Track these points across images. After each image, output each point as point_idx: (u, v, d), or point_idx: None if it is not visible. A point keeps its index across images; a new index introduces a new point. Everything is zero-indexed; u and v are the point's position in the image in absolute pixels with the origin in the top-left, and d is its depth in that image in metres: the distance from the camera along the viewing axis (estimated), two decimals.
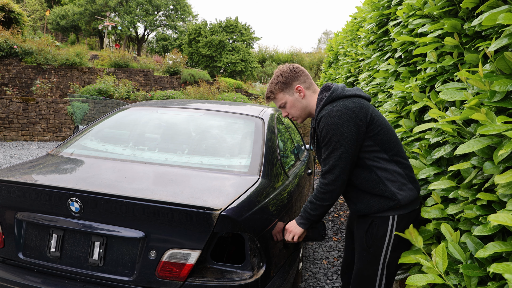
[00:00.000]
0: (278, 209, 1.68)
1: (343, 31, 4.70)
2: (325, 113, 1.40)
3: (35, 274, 1.48)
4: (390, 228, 1.42)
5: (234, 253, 1.60)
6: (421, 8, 1.75)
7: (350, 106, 1.39)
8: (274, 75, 1.59)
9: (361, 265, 1.50)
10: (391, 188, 1.40)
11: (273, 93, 1.58)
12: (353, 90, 1.47)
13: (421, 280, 1.11)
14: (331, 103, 1.42)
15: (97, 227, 1.41)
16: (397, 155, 1.44)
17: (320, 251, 3.25)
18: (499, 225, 1.03)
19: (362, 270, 1.50)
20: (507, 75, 1.13)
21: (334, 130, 1.37)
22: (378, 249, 1.45)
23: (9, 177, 1.57)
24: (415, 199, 1.44)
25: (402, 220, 1.41)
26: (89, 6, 25.63)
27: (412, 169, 1.48)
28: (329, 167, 1.40)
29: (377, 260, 1.45)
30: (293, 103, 1.56)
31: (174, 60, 13.99)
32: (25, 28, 13.45)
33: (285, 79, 1.54)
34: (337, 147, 1.37)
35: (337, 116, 1.37)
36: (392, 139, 1.45)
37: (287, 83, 1.54)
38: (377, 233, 1.44)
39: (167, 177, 1.63)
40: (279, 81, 1.55)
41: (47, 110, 9.61)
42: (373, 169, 1.42)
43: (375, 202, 1.42)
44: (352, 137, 1.36)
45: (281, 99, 1.57)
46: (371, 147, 1.41)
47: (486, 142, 1.08)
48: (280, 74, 1.55)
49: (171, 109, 2.47)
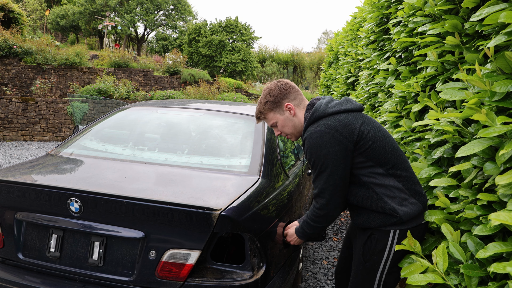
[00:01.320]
0: (278, 209, 1.67)
1: (343, 31, 4.70)
2: (308, 135, 1.35)
3: (35, 274, 1.48)
4: (390, 243, 1.33)
5: (234, 253, 1.60)
6: (422, 8, 1.75)
7: (333, 125, 1.31)
8: (263, 94, 1.52)
9: (356, 279, 1.44)
10: (391, 204, 1.31)
11: (263, 113, 1.52)
12: (338, 105, 1.38)
13: (421, 280, 1.11)
14: (313, 124, 1.36)
15: (97, 227, 1.41)
16: (394, 167, 1.34)
17: (320, 251, 3.25)
18: (499, 225, 1.03)
19: (357, 284, 1.44)
20: (507, 74, 1.12)
21: (317, 152, 1.31)
22: (375, 265, 1.36)
23: (9, 177, 1.57)
24: (419, 213, 1.34)
25: (405, 235, 1.32)
26: (89, 5, 25.62)
27: (415, 180, 1.37)
28: (318, 190, 1.34)
29: (373, 277, 1.37)
30: (284, 122, 1.49)
31: (174, 60, 13.98)
32: (24, 28, 13.44)
33: (274, 97, 1.47)
34: (322, 169, 1.31)
35: (319, 138, 1.31)
36: (388, 151, 1.35)
37: (276, 102, 1.47)
38: (375, 247, 1.36)
39: (167, 177, 1.63)
40: (267, 100, 1.48)
41: (46, 110, 9.61)
42: (369, 186, 1.33)
43: (376, 217, 1.34)
44: (337, 157, 1.29)
45: (271, 118, 1.51)
46: (364, 163, 1.33)
47: (487, 143, 1.08)
48: (268, 93, 1.49)
49: (171, 109, 2.47)
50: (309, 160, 1.36)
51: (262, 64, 23.91)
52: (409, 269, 1.24)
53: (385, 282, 1.37)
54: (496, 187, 1.10)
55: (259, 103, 1.53)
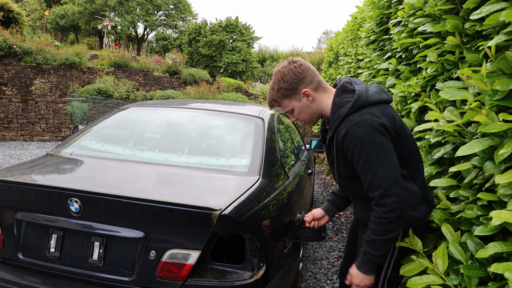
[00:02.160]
0: (279, 209, 1.67)
1: (343, 31, 4.70)
2: (352, 124, 1.19)
3: (35, 275, 1.48)
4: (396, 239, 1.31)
5: (234, 253, 1.60)
6: (422, 7, 1.75)
7: (379, 114, 1.20)
8: (275, 79, 1.34)
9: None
10: None
11: (276, 101, 1.36)
12: (377, 94, 1.26)
13: (421, 283, 1.11)
14: (356, 112, 1.21)
15: (97, 227, 1.41)
16: (416, 171, 1.29)
17: (320, 251, 3.25)
18: (500, 225, 1.03)
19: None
20: (508, 74, 1.12)
21: (369, 143, 1.16)
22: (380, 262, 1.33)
23: (9, 177, 1.57)
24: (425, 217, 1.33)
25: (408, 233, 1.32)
26: (89, 5, 25.61)
27: (426, 186, 1.34)
28: (383, 189, 1.16)
29: (378, 274, 1.35)
30: (301, 109, 1.35)
31: (174, 60, 13.98)
32: (24, 27, 13.44)
33: (288, 84, 1.30)
34: (380, 162, 1.16)
35: (367, 128, 1.17)
36: (413, 153, 1.29)
37: (291, 89, 1.31)
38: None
39: (167, 177, 1.63)
40: (281, 87, 1.31)
41: (46, 110, 9.60)
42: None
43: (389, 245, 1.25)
44: (389, 148, 1.18)
45: (286, 106, 1.36)
46: None
47: (487, 143, 1.08)
48: (281, 78, 1.31)
49: (171, 109, 2.47)
50: (359, 154, 1.19)
51: (262, 64, 23.89)
52: (408, 267, 1.24)
53: (390, 278, 1.37)
54: (496, 187, 1.10)
55: (271, 89, 1.36)
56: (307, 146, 3.48)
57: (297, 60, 1.34)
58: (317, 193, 5.21)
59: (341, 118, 1.23)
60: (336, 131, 1.26)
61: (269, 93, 1.37)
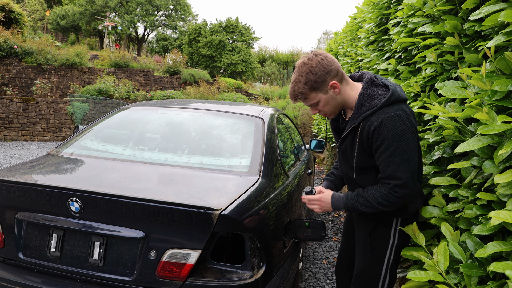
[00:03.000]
0: (278, 209, 1.68)
1: (343, 32, 4.70)
2: (387, 117, 1.25)
3: (35, 274, 1.48)
4: (393, 230, 1.42)
5: (234, 253, 1.60)
6: (421, 8, 1.75)
7: (409, 112, 1.29)
8: (301, 71, 1.32)
9: (364, 266, 1.49)
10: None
11: (303, 94, 1.34)
12: (403, 93, 1.33)
13: (422, 277, 1.12)
14: (391, 106, 1.27)
15: (97, 227, 1.41)
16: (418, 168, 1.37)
17: (320, 251, 3.25)
18: (499, 224, 1.03)
19: (365, 271, 1.49)
20: (507, 75, 1.13)
21: (401, 137, 1.24)
22: (383, 250, 1.43)
23: (9, 177, 1.57)
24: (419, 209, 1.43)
25: (405, 222, 1.41)
26: (89, 6, 25.62)
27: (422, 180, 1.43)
28: (403, 181, 1.25)
29: (381, 261, 1.44)
30: (327, 101, 1.35)
31: (174, 60, 13.98)
32: (25, 28, 13.45)
33: (317, 77, 1.30)
34: (406, 157, 1.25)
35: (402, 122, 1.24)
36: (419, 150, 1.36)
37: (319, 81, 1.30)
38: (381, 234, 1.43)
39: (167, 177, 1.63)
40: (309, 79, 1.30)
41: (47, 110, 9.62)
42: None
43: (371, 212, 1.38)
44: (414, 144, 1.27)
45: (313, 98, 1.35)
46: None
47: (487, 141, 1.08)
48: (309, 71, 1.30)
49: (171, 109, 2.47)
50: (388, 144, 1.25)
51: (262, 64, 23.89)
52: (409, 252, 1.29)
53: (392, 267, 1.44)
54: (495, 187, 1.10)
55: (297, 82, 1.33)
56: (307, 146, 3.48)
57: (322, 53, 1.34)
58: None
59: (374, 109, 1.29)
60: (364, 121, 1.31)
61: (295, 86, 1.34)
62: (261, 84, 18.29)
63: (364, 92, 1.34)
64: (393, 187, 1.28)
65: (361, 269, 1.50)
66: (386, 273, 1.44)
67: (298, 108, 10.37)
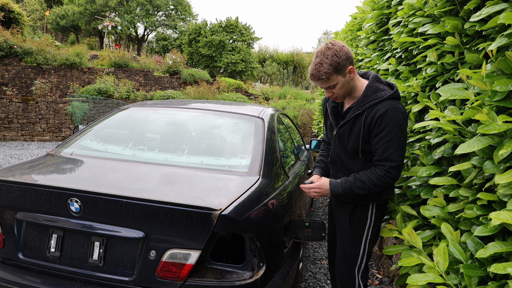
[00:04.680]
0: (278, 209, 1.68)
1: (343, 31, 4.70)
2: (391, 108, 1.46)
3: (35, 274, 1.48)
4: (370, 213, 1.64)
5: (234, 253, 1.60)
6: (422, 8, 1.75)
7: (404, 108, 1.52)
8: (326, 55, 1.46)
9: (345, 246, 1.68)
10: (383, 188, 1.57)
11: (327, 74, 1.47)
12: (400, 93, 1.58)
13: (421, 279, 1.11)
14: (394, 100, 1.50)
15: (97, 227, 1.41)
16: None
17: (320, 251, 3.24)
18: (499, 225, 1.03)
19: (346, 250, 1.68)
20: (508, 75, 1.12)
21: (400, 126, 1.45)
22: (361, 231, 1.65)
23: (9, 177, 1.57)
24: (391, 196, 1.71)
25: (381, 206, 1.66)
26: (89, 6, 25.60)
27: None
28: (397, 164, 1.47)
29: (360, 240, 1.66)
30: (343, 84, 1.52)
31: (174, 60, 13.97)
32: (25, 28, 13.43)
33: (341, 60, 1.46)
34: (402, 144, 1.47)
35: (402, 114, 1.47)
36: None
37: (343, 64, 1.47)
38: (360, 217, 1.64)
39: (167, 177, 1.63)
40: (334, 61, 1.45)
41: (47, 110, 9.61)
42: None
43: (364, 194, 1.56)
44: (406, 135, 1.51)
45: (333, 80, 1.49)
46: None
47: (487, 142, 1.08)
48: (334, 54, 1.45)
49: (171, 109, 2.47)
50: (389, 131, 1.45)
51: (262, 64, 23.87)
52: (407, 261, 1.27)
53: (369, 245, 1.66)
54: (496, 187, 1.10)
55: (322, 63, 1.46)
56: (307, 146, 3.48)
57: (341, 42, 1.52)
58: None
59: (380, 99, 1.49)
60: (369, 109, 1.50)
61: (320, 67, 1.47)
62: (261, 84, 18.28)
63: (371, 85, 1.55)
64: (388, 168, 1.48)
65: (343, 249, 1.69)
66: (365, 249, 1.66)
67: (298, 108, 10.37)
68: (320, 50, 1.49)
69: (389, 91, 1.52)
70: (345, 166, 1.66)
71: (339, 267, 1.73)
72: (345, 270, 1.70)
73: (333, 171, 1.77)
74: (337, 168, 1.72)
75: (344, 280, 1.71)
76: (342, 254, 1.71)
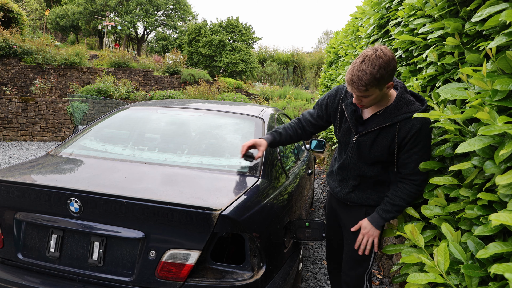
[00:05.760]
0: (278, 209, 1.67)
1: (343, 31, 4.70)
2: (425, 123, 1.42)
3: (35, 275, 1.48)
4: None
5: (234, 253, 1.60)
6: (422, 7, 1.74)
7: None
8: (375, 64, 1.28)
9: (356, 250, 1.64)
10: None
11: (368, 85, 1.31)
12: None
13: (422, 279, 1.11)
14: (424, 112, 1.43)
15: (97, 227, 1.41)
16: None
17: (320, 251, 3.24)
18: (500, 225, 1.03)
19: (355, 255, 1.65)
20: (508, 74, 1.12)
21: (430, 142, 1.45)
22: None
23: (9, 177, 1.57)
24: None
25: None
26: (89, 5, 25.59)
27: None
28: (424, 177, 1.47)
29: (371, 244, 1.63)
30: (376, 96, 1.39)
31: (174, 60, 13.96)
32: (24, 27, 13.43)
33: (387, 74, 1.30)
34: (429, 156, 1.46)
35: (431, 129, 1.47)
36: None
37: (385, 78, 1.32)
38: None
39: (167, 177, 1.62)
40: (380, 74, 1.29)
41: (46, 110, 9.60)
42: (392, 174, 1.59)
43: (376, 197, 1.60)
44: None
45: (370, 92, 1.35)
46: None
47: (488, 141, 1.07)
48: (383, 66, 1.28)
49: (171, 109, 2.47)
50: (424, 144, 1.43)
51: (262, 64, 23.86)
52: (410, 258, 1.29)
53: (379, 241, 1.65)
54: (496, 187, 1.10)
55: (366, 72, 1.29)
56: (307, 146, 3.48)
57: (390, 51, 1.33)
58: (317, 193, 5.20)
59: (411, 110, 1.43)
60: (402, 122, 1.43)
61: (363, 76, 1.29)
62: (261, 84, 18.27)
63: (402, 96, 1.46)
64: (421, 182, 1.48)
65: (353, 253, 1.65)
66: (375, 255, 1.66)
67: (298, 108, 10.37)
68: (370, 55, 1.30)
69: (419, 105, 1.45)
70: (359, 173, 1.60)
71: (347, 271, 1.71)
72: (353, 274, 1.68)
73: (341, 176, 1.67)
74: (348, 174, 1.64)
75: (352, 283, 1.69)
76: (351, 258, 1.68)
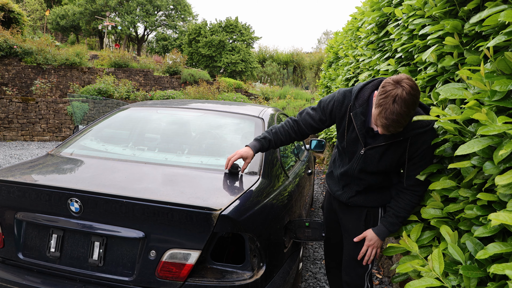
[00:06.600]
0: (278, 209, 1.68)
1: (343, 31, 4.70)
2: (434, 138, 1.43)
3: (35, 274, 1.48)
4: (380, 216, 1.68)
5: (234, 253, 1.60)
6: (421, 8, 1.75)
7: None
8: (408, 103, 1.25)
9: (357, 251, 1.67)
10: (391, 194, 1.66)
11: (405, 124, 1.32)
12: None
13: (419, 285, 1.11)
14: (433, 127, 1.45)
15: (97, 227, 1.41)
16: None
17: (320, 251, 3.24)
18: (499, 225, 1.03)
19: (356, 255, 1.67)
20: (507, 75, 1.13)
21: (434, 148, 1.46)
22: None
23: (9, 177, 1.57)
24: None
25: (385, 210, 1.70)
26: (89, 5, 25.60)
27: None
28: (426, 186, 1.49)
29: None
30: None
31: (174, 60, 13.97)
32: (24, 28, 13.43)
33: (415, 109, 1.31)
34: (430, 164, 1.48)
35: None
36: None
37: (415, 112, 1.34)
38: (373, 222, 1.67)
39: (167, 177, 1.63)
40: (414, 109, 1.30)
41: (47, 110, 9.61)
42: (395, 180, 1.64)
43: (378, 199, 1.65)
44: None
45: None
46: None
47: (487, 142, 1.08)
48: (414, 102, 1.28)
49: (171, 109, 2.47)
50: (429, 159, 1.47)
51: (262, 64, 23.85)
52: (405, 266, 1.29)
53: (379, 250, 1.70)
54: (495, 187, 1.10)
55: (402, 115, 1.26)
56: (307, 146, 3.48)
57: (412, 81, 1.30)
58: (317, 193, 5.21)
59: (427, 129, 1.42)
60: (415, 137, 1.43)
61: (400, 119, 1.27)
62: (261, 84, 18.27)
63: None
64: (423, 193, 1.53)
65: (354, 253, 1.68)
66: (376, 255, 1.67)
67: (298, 108, 10.36)
68: (400, 95, 1.25)
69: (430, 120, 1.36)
70: (361, 180, 1.63)
71: (348, 271, 1.73)
72: (354, 274, 1.70)
73: (345, 182, 1.69)
74: (350, 180, 1.67)
75: (353, 284, 1.71)
76: (352, 258, 1.70)
